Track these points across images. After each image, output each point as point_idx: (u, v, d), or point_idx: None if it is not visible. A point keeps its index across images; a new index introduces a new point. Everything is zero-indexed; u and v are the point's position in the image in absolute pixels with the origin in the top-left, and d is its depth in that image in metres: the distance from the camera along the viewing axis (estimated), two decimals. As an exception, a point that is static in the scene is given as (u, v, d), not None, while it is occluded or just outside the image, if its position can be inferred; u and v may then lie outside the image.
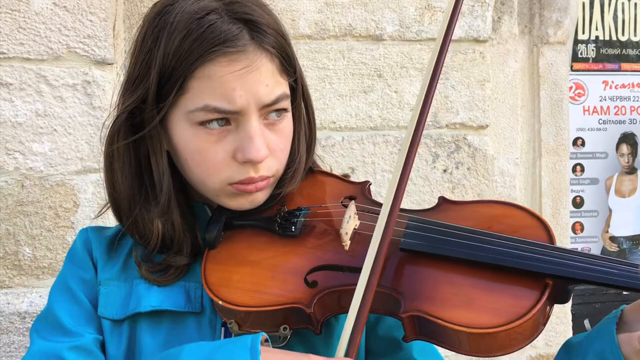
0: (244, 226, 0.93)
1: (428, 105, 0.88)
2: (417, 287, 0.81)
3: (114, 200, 0.93)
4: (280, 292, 0.83)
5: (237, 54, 0.84)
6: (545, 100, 2.27)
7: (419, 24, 1.95)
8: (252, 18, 0.87)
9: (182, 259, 0.91)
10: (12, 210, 1.58)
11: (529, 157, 2.30)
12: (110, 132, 0.91)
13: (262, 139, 0.87)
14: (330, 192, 0.98)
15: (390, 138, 1.95)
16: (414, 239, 0.84)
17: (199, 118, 0.85)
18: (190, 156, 0.88)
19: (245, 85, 0.84)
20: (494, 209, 0.90)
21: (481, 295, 0.79)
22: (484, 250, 0.82)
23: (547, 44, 2.25)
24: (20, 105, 1.57)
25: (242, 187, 0.88)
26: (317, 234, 0.90)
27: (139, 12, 1.78)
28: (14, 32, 1.56)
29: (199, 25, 0.84)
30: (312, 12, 1.88)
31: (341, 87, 1.91)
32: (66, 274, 0.96)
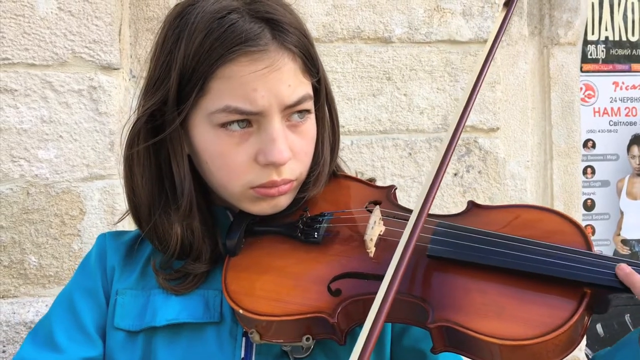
0: (266, 232, 0.91)
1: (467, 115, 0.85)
2: (446, 296, 0.78)
3: (134, 205, 0.92)
4: (303, 301, 0.81)
5: (259, 54, 0.82)
6: (556, 102, 2.24)
7: (428, 26, 1.93)
8: (273, 17, 0.85)
9: (201, 265, 0.89)
10: (18, 218, 1.57)
11: (540, 159, 2.27)
12: (130, 135, 0.89)
13: (285, 141, 0.85)
14: (354, 197, 0.96)
15: (400, 142, 1.93)
16: (442, 245, 0.81)
17: (220, 119, 0.83)
18: (211, 159, 0.86)
19: (267, 86, 0.82)
20: (527, 213, 0.87)
21: (514, 305, 0.75)
22: (516, 257, 0.78)
23: (557, 44, 2.23)
24: (25, 111, 1.56)
25: (264, 190, 0.86)
26: (341, 241, 0.87)
27: (145, 17, 1.77)
28: (19, 37, 1.55)
29: (219, 24, 0.83)
30: (319, 15, 1.87)
31: (350, 90, 1.89)
32: (73, 284, 0.95)
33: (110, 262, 0.94)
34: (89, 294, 0.92)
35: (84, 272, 0.95)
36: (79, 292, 0.93)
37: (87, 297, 0.92)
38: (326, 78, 0.95)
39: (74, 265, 1.59)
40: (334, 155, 0.98)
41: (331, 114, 0.97)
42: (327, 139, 0.95)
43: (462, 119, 0.84)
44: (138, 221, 0.93)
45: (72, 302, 0.92)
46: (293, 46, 0.85)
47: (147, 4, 1.78)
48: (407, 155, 1.93)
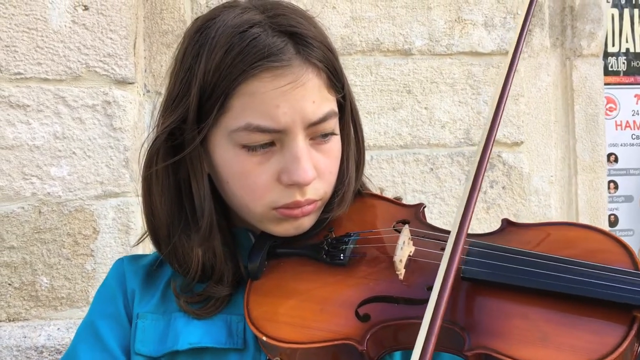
0: (289, 254, 0.87)
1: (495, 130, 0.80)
2: (484, 321, 0.73)
3: (152, 226, 0.89)
4: (330, 327, 0.76)
5: (282, 69, 0.79)
6: (579, 115, 2.19)
7: (449, 38, 1.90)
8: (297, 31, 0.82)
9: (223, 289, 0.86)
10: (29, 238, 1.54)
11: (563, 174, 2.22)
12: (149, 154, 0.87)
13: (310, 160, 0.82)
14: (381, 216, 0.91)
15: (421, 157, 1.89)
16: (477, 267, 0.76)
17: (242, 139, 0.81)
18: (232, 179, 0.84)
19: (290, 102, 0.79)
20: (567, 231, 0.83)
21: (557, 331, 0.70)
22: (558, 278, 0.73)
23: (580, 56, 2.18)
24: (38, 127, 1.54)
25: (288, 211, 0.83)
26: (368, 262, 0.83)
27: (159, 30, 1.74)
28: (31, 51, 1.53)
29: (241, 39, 0.80)
30: (338, 27, 1.84)
31: (369, 104, 1.86)
32: (93, 312, 0.93)
33: (130, 285, 0.92)
34: (112, 318, 0.90)
35: (103, 298, 0.93)
36: (101, 318, 0.90)
37: (110, 322, 0.90)
38: (351, 93, 0.91)
39: (87, 287, 1.56)
40: (360, 174, 0.94)
41: (356, 131, 0.93)
42: (353, 157, 0.92)
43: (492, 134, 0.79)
44: (157, 243, 0.90)
45: (96, 329, 0.90)
46: (317, 61, 0.82)
47: (162, 18, 1.75)
48: (428, 170, 1.90)
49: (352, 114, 0.92)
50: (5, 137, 1.52)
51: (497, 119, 0.79)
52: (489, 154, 0.78)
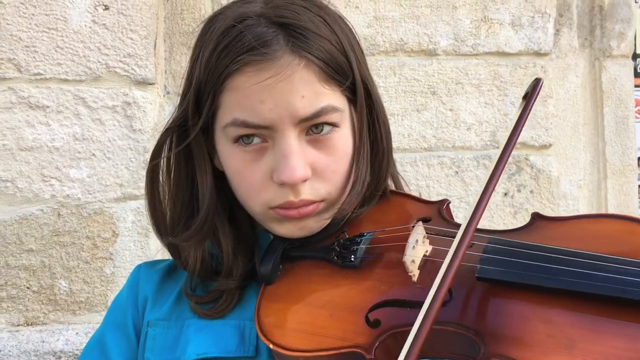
0: (303, 257, 0.83)
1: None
2: (501, 326, 0.67)
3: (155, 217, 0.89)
4: (339, 334, 0.72)
5: (265, 63, 0.76)
6: (609, 118, 2.13)
7: (475, 38, 1.86)
8: (291, 22, 0.78)
9: (232, 282, 0.84)
10: (48, 241, 1.53)
11: (592, 178, 2.16)
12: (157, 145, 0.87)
13: (301, 158, 0.77)
14: (401, 215, 0.85)
15: (446, 159, 1.85)
16: (493, 265, 0.70)
17: (231, 134, 0.79)
18: (231, 176, 0.83)
19: (275, 97, 0.76)
20: (610, 224, 0.75)
21: (586, 337, 0.64)
22: (585, 276, 0.66)
23: (609, 57, 2.13)
24: (58, 128, 1.53)
25: (283, 212, 0.80)
26: (382, 264, 0.78)
27: (180, 31, 1.72)
28: (51, 51, 1.53)
29: (229, 34, 0.78)
30: (360, 27, 1.81)
31: (392, 105, 1.82)
32: (105, 319, 0.93)
33: (142, 292, 0.90)
34: (119, 328, 0.89)
35: (114, 307, 0.93)
36: (109, 327, 0.90)
37: (116, 332, 0.89)
38: (370, 86, 0.86)
39: (106, 291, 1.55)
40: (382, 173, 0.88)
41: (379, 126, 0.87)
42: (365, 156, 0.85)
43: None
44: (159, 235, 0.89)
45: (103, 338, 0.90)
46: (309, 53, 0.77)
47: (183, 18, 1.73)
48: (453, 173, 1.85)
49: (372, 108, 0.87)
50: (24, 139, 1.51)
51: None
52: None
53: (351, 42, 0.84)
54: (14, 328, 1.53)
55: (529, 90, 0.83)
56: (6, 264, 1.51)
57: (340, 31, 0.82)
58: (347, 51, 0.82)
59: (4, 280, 1.51)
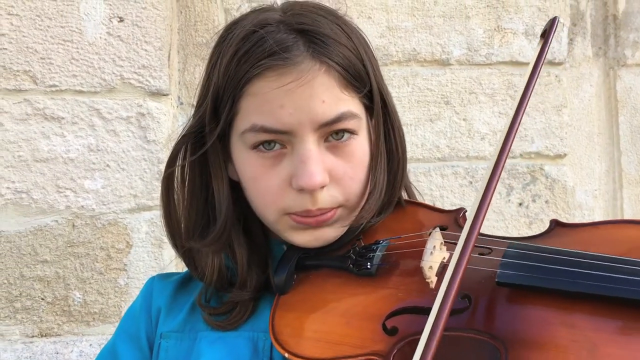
0: (318, 266, 0.83)
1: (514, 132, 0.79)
2: (522, 331, 0.66)
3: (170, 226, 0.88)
4: (355, 342, 0.72)
5: (286, 67, 0.76)
6: (624, 127, 2.11)
7: (489, 47, 1.85)
8: (311, 28, 0.79)
9: (246, 293, 0.83)
10: (62, 252, 1.53)
11: (608, 188, 2.14)
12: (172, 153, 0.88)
13: (320, 164, 0.77)
14: (417, 223, 0.86)
15: (460, 169, 1.83)
16: (514, 270, 0.70)
17: (250, 140, 0.79)
18: (247, 184, 0.82)
19: (295, 102, 0.76)
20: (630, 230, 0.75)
21: (609, 341, 0.63)
22: (607, 279, 0.66)
23: (624, 66, 2.11)
24: (72, 140, 1.53)
25: (300, 219, 0.80)
26: (399, 271, 0.78)
27: (193, 42, 1.73)
28: (67, 63, 1.53)
29: (249, 40, 0.79)
30: (373, 37, 1.80)
31: (406, 115, 1.81)
32: (118, 330, 0.92)
33: (156, 303, 0.90)
34: (131, 339, 0.89)
35: (128, 318, 0.92)
36: (122, 338, 0.90)
37: (129, 344, 0.88)
38: (386, 95, 0.86)
39: (120, 302, 1.54)
40: (397, 182, 0.88)
41: (394, 135, 0.88)
42: (382, 164, 0.85)
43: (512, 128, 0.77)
44: (175, 246, 0.89)
45: (115, 349, 0.89)
46: (329, 59, 0.78)
47: (196, 29, 1.74)
48: (467, 183, 1.84)
49: (390, 117, 0.87)
50: (40, 150, 1.52)
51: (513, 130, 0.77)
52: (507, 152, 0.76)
53: (367, 51, 0.85)
54: (28, 339, 1.53)
55: (547, 28, 0.83)
56: (21, 275, 1.51)
57: (357, 40, 0.83)
58: (364, 60, 0.83)
59: (19, 292, 1.51)
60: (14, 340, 1.52)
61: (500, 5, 1.86)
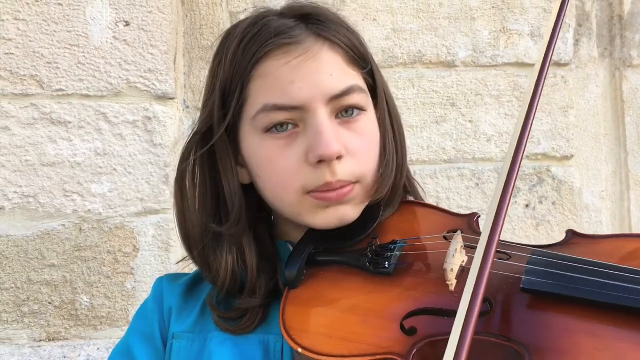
0: (330, 262, 0.82)
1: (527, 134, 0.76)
2: (547, 338, 0.66)
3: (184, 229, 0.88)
4: (372, 340, 0.71)
5: (292, 45, 0.79)
6: (631, 128, 2.10)
7: (494, 49, 1.85)
8: (311, 12, 0.83)
9: (256, 300, 0.83)
10: (70, 256, 1.53)
11: (615, 189, 2.12)
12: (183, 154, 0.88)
13: (333, 133, 0.78)
14: (431, 225, 0.86)
15: (466, 171, 1.83)
16: (539, 277, 0.70)
17: (262, 122, 0.80)
18: (261, 169, 0.82)
19: (305, 76, 0.78)
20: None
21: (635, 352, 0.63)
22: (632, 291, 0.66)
23: (630, 66, 2.10)
24: (79, 144, 1.53)
25: (321, 195, 0.80)
26: (416, 272, 0.78)
27: (199, 46, 1.73)
28: (73, 68, 1.54)
29: (254, 28, 0.81)
30: (378, 40, 1.81)
31: (411, 117, 1.81)
32: (130, 330, 0.92)
33: (167, 303, 0.90)
34: (146, 339, 0.88)
35: (140, 317, 0.92)
36: (136, 337, 0.89)
37: (144, 343, 0.88)
38: (385, 84, 0.89)
39: (127, 306, 1.54)
40: (403, 164, 0.90)
41: (392, 118, 0.90)
42: (391, 140, 0.87)
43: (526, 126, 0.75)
44: (189, 248, 0.88)
45: (130, 349, 0.88)
46: (331, 36, 0.81)
47: (202, 33, 1.74)
48: (474, 185, 1.83)
49: (388, 102, 0.89)
50: (47, 154, 1.52)
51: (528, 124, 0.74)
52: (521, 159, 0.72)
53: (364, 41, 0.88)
54: (36, 343, 1.52)
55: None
56: (28, 280, 1.51)
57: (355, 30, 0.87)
58: (363, 44, 0.86)
59: (26, 296, 1.51)
60: (22, 344, 1.52)
61: (506, 6, 1.86)
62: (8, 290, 1.50)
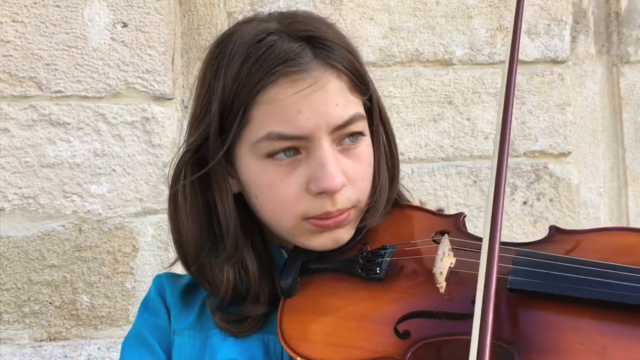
0: (323, 270, 0.84)
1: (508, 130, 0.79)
2: (534, 336, 0.68)
3: (180, 245, 0.87)
4: (367, 345, 0.73)
5: (300, 73, 0.77)
6: (628, 124, 2.10)
7: (491, 46, 1.85)
8: (314, 34, 0.80)
9: (260, 307, 0.83)
10: (70, 256, 1.53)
11: (613, 185, 2.13)
12: (175, 171, 0.86)
13: (337, 166, 0.78)
14: (418, 228, 0.88)
15: (464, 169, 1.83)
16: (524, 277, 0.72)
17: (265, 149, 0.79)
18: (260, 192, 0.81)
19: (312, 107, 0.77)
20: (625, 237, 0.78)
21: (617, 344, 0.66)
22: (615, 287, 0.69)
23: (627, 63, 2.10)
24: (78, 145, 1.54)
25: (320, 222, 0.80)
26: (407, 276, 0.80)
27: (197, 46, 1.74)
28: (72, 69, 1.54)
29: (257, 48, 0.79)
30: (376, 38, 1.81)
31: (409, 116, 1.81)
32: (139, 323, 0.91)
33: (168, 299, 0.90)
34: (157, 328, 0.88)
35: (148, 310, 0.91)
36: (147, 328, 0.89)
37: (156, 332, 0.88)
38: (379, 98, 0.89)
39: (127, 305, 1.55)
40: (394, 182, 0.90)
41: (387, 137, 0.90)
42: (384, 163, 0.88)
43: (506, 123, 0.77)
44: (186, 264, 0.87)
45: (145, 340, 0.87)
46: (337, 63, 0.80)
47: (200, 33, 1.75)
48: (471, 183, 1.84)
49: (382, 120, 0.89)
50: (46, 155, 1.53)
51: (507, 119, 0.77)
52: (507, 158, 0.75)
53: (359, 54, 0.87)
54: (37, 343, 1.53)
55: None
56: (29, 280, 1.52)
57: (351, 44, 0.85)
58: (362, 62, 0.85)
59: (27, 296, 1.52)
60: (23, 344, 1.53)
61: (502, 4, 1.86)
62: (9, 291, 1.51)
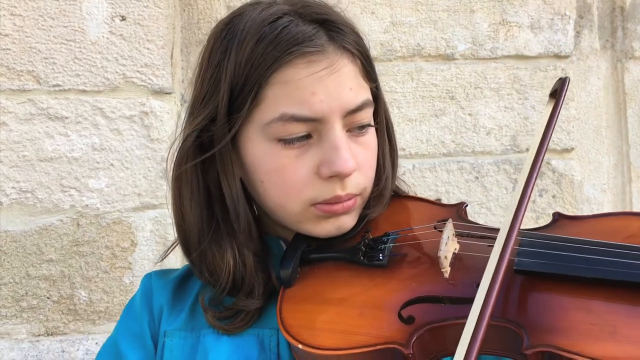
0: (324, 259, 0.83)
1: None
2: (543, 316, 0.67)
3: (182, 231, 0.86)
4: (372, 332, 0.72)
5: (317, 55, 0.76)
6: (632, 120, 2.08)
7: (494, 41, 1.83)
8: (328, 18, 0.80)
9: (254, 302, 0.82)
10: (68, 251, 1.53)
11: (617, 182, 2.11)
12: (179, 154, 0.84)
13: (349, 150, 0.78)
14: (420, 217, 0.88)
15: (466, 165, 1.82)
16: (531, 258, 0.72)
17: (277, 131, 0.77)
18: (267, 176, 0.80)
19: (327, 89, 0.76)
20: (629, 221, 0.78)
21: (627, 323, 0.65)
22: (620, 265, 0.68)
23: (632, 58, 2.08)
24: (76, 139, 1.53)
25: (328, 207, 0.79)
26: (410, 262, 0.79)
27: (196, 40, 1.73)
28: (70, 63, 1.53)
29: (272, 28, 0.77)
30: (377, 33, 1.79)
31: (410, 111, 1.80)
32: (118, 330, 0.90)
33: (157, 301, 0.88)
34: (136, 338, 0.87)
35: (129, 316, 0.90)
36: (125, 337, 0.87)
37: (133, 342, 0.86)
38: (381, 90, 0.89)
39: (125, 300, 1.54)
40: (394, 171, 0.91)
41: (388, 127, 0.90)
42: (388, 152, 0.89)
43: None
44: (187, 250, 0.86)
45: (118, 349, 0.87)
46: (352, 47, 0.79)
47: (199, 27, 1.73)
48: (473, 179, 1.82)
49: (385, 109, 0.89)
50: (44, 150, 1.52)
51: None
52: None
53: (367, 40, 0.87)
54: (35, 338, 1.53)
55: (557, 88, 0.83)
56: (27, 274, 1.51)
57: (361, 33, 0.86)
58: (369, 48, 0.85)
59: (25, 291, 1.51)
60: (21, 339, 1.52)
61: (505, -2, 1.85)
62: (7, 285, 1.50)
